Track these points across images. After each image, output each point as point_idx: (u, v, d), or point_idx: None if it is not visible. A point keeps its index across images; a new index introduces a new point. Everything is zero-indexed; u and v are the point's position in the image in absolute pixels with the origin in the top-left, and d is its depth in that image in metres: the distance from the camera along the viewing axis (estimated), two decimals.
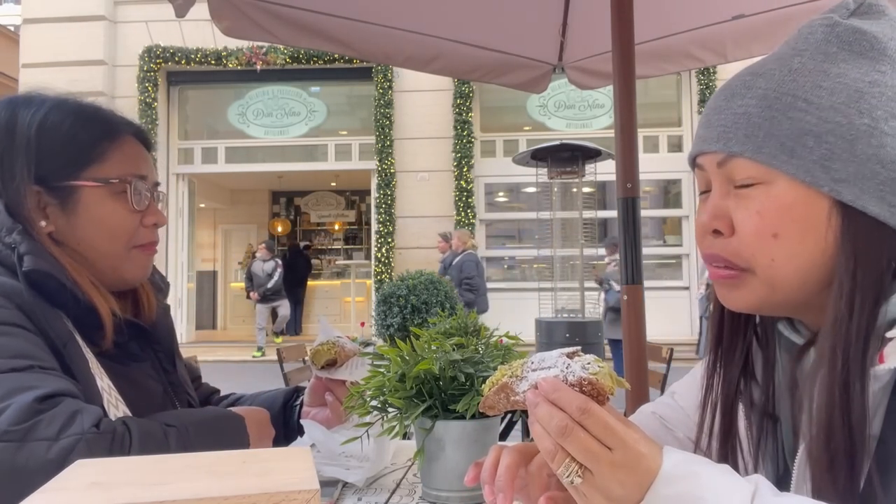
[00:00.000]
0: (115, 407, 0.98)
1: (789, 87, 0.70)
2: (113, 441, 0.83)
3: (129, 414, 0.99)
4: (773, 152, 0.69)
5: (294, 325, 13.21)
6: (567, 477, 0.61)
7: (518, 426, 2.80)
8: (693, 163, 0.79)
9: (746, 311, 0.77)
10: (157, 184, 1.14)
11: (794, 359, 0.76)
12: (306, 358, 3.97)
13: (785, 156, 0.69)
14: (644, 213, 8.62)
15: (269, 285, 10.81)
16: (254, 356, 10.50)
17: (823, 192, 0.68)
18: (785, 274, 0.70)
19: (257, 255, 11.25)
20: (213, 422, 1.02)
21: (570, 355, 0.68)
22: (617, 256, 8.08)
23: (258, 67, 11.12)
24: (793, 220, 0.69)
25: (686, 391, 0.99)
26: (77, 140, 1.05)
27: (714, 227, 0.74)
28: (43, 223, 1.02)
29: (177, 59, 11.23)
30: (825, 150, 0.68)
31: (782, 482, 0.74)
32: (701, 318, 9.38)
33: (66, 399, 0.85)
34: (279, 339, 11.39)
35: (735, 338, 0.82)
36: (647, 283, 2.42)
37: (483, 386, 0.72)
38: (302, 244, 14.99)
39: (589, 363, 0.66)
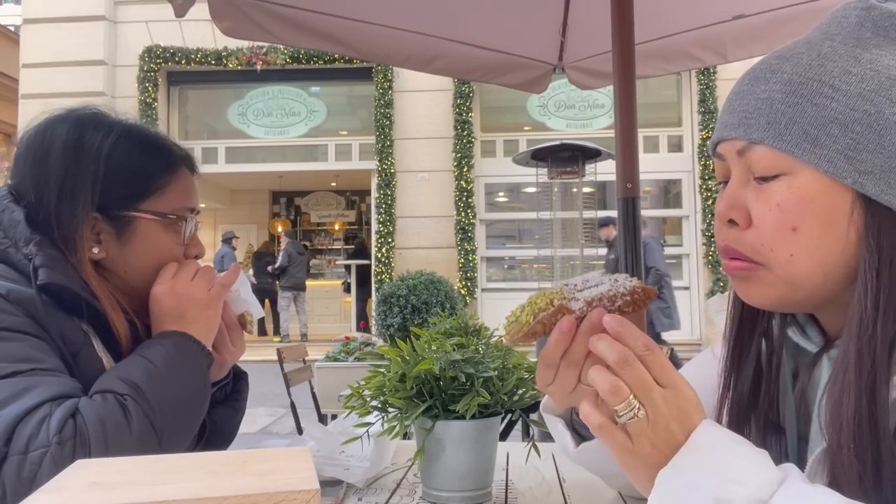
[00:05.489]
0: None
1: (816, 73, 0.66)
2: (75, 449, 0.84)
3: None
4: (795, 141, 0.65)
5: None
6: (628, 411, 0.62)
7: (518, 426, 2.79)
8: (714, 150, 0.75)
9: (766, 308, 0.74)
10: (198, 211, 1.16)
11: (807, 368, 0.73)
12: (306, 358, 3.99)
13: (808, 145, 0.65)
14: (644, 213, 8.59)
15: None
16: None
17: (847, 184, 0.64)
18: (804, 270, 0.67)
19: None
20: (163, 365, 0.98)
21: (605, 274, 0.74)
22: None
23: (258, 67, 11.10)
24: (814, 213, 0.65)
25: None
26: (143, 172, 1.07)
27: (730, 217, 0.71)
28: (95, 249, 1.03)
29: (177, 59, 11.21)
30: (851, 139, 0.64)
31: None
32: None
33: (44, 406, 0.86)
34: (277, 339, 11.40)
35: (751, 334, 0.80)
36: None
37: (520, 314, 0.72)
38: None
39: (627, 277, 0.73)
